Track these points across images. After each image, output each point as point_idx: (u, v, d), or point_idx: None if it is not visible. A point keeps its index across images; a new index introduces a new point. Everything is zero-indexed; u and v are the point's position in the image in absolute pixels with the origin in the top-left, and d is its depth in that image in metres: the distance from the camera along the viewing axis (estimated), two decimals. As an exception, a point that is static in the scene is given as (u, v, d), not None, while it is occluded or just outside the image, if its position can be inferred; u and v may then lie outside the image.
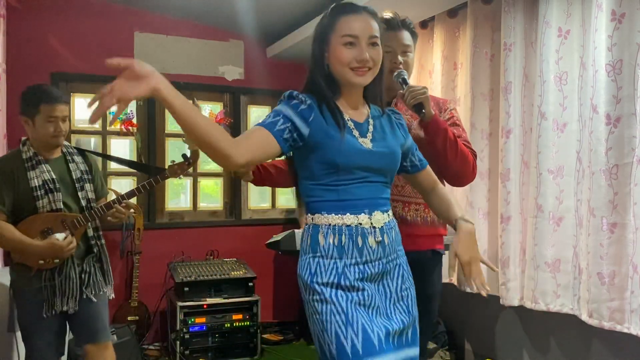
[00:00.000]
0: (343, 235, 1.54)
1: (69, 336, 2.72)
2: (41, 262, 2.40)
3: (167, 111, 5.02)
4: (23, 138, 2.53)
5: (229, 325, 3.88)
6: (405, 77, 2.04)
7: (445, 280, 3.56)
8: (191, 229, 4.61)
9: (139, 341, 4.02)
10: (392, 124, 1.72)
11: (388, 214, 1.63)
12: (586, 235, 2.58)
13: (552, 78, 2.80)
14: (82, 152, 2.64)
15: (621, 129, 2.43)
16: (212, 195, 4.93)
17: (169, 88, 1.31)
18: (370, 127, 1.63)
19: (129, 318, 4.08)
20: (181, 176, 2.72)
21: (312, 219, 1.59)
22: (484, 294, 1.65)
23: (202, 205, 4.80)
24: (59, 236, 2.37)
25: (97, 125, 4.42)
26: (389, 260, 1.60)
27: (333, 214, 1.56)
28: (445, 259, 2.24)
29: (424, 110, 1.96)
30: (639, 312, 2.35)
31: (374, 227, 1.57)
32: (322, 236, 1.55)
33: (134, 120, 4.47)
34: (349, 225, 1.55)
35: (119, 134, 4.43)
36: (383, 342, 1.49)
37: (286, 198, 4.97)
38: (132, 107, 4.52)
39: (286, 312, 4.71)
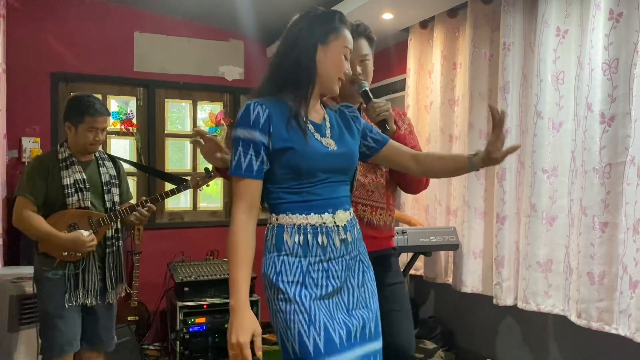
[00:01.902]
0: (308, 235, 1.57)
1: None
2: (65, 254, 2.54)
3: (166, 111, 5.02)
4: (61, 140, 2.73)
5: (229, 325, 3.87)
6: (367, 89, 2.08)
7: (443, 280, 3.58)
8: (191, 229, 4.62)
9: (139, 341, 4.02)
10: (347, 118, 1.74)
11: (350, 212, 1.67)
12: (577, 235, 2.57)
13: (549, 77, 2.80)
14: (112, 158, 2.83)
15: (615, 128, 2.42)
16: (212, 195, 4.93)
17: None
18: (328, 124, 1.67)
19: (129, 318, 4.08)
20: (202, 188, 2.90)
21: (277, 218, 1.60)
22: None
23: (202, 205, 4.81)
24: (84, 232, 2.53)
25: (97, 125, 4.42)
26: (352, 257, 1.64)
27: (297, 214, 1.57)
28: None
29: (387, 127, 2.02)
30: (627, 312, 2.33)
31: (337, 226, 1.60)
32: (287, 235, 1.57)
33: (134, 120, 4.47)
34: (314, 225, 1.57)
35: (118, 133, 4.44)
36: (344, 340, 1.53)
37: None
38: (132, 107, 4.53)
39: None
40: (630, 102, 2.38)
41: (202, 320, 3.83)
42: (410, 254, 3.44)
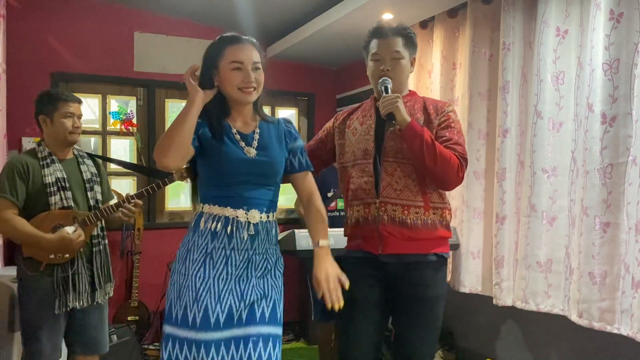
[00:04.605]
0: (219, 223, 1.83)
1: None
2: (51, 256, 2.46)
3: (166, 111, 5.03)
4: (38, 140, 2.67)
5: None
6: (388, 85, 2.11)
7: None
8: (191, 228, 4.61)
9: (139, 341, 4.02)
10: (280, 132, 1.98)
11: (267, 215, 1.90)
12: (578, 235, 2.57)
13: (549, 77, 2.80)
14: (91, 157, 2.77)
15: (616, 128, 2.41)
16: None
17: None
18: (256, 136, 1.92)
19: (129, 318, 4.09)
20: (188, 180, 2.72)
21: (202, 207, 1.88)
22: (336, 307, 1.83)
23: (202, 205, 4.80)
24: (69, 229, 2.45)
25: (97, 125, 4.43)
26: (256, 253, 1.87)
27: (217, 206, 1.85)
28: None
29: (394, 120, 2.03)
30: (630, 312, 2.32)
31: (249, 222, 1.85)
32: (203, 220, 1.85)
33: (134, 120, 4.48)
34: (227, 216, 1.84)
35: (119, 133, 4.44)
36: (221, 322, 1.79)
37: (286, 197, 4.96)
38: (132, 107, 4.53)
39: (286, 313, 4.68)
40: (631, 102, 2.37)
41: (202, 320, 3.82)
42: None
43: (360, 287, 2.12)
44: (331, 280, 1.83)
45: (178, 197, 4.86)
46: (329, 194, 3.34)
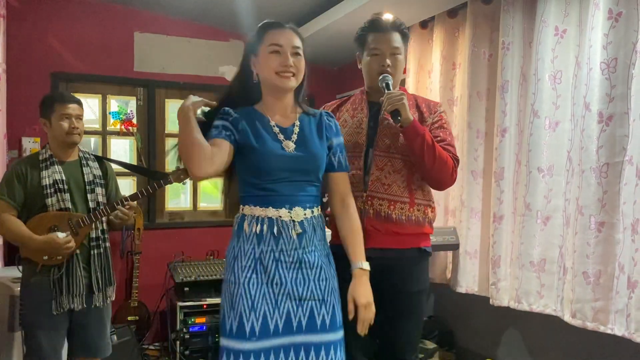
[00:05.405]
0: (264, 225, 1.75)
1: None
2: (45, 257, 2.47)
3: (166, 111, 5.02)
4: (38, 139, 2.78)
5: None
6: (389, 82, 2.10)
7: (443, 281, 3.57)
8: (191, 229, 4.62)
9: (139, 341, 4.03)
10: (321, 125, 1.89)
11: (311, 211, 1.82)
12: (573, 234, 2.56)
13: (547, 77, 2.80)
14: (98, 159, 2.78)
15: (613, 128, 2.41)
16: (212, 195, 4.94)
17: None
18: (296, 129, 1.83)
19: (129, 318, 4.09)
20: (185, 181, 2.75)
21: (242, 209, 1.82)
22: (361, 334, 1.80)
23: (202, 205, 4.81)
24: (60, 234, 2.46)
25: (97, 126, 4.43)
26: (306, 251, 1.78)
27: (258, 207, 1.77)
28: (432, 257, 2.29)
29: (399, 117, 2.02)
30: (625, 313, 2.32)
31: (293, 221, 1.77)
32: (246, 224, 1.78)
33: (134, 120, 4.48)
34: (270, 217, 1.76)
35: (118, 134, 4.45)
36: (280, 328, 1.73)
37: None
38: (132, 107, 4.53)
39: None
40: (628, 101, 2.37)
41: (202, 320, 3.83)
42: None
43: (347, 280, 2.12)
44: (369, 309, 1.80)
45: (178, 197, 4.86)
46: (324, 199, 3.35)
